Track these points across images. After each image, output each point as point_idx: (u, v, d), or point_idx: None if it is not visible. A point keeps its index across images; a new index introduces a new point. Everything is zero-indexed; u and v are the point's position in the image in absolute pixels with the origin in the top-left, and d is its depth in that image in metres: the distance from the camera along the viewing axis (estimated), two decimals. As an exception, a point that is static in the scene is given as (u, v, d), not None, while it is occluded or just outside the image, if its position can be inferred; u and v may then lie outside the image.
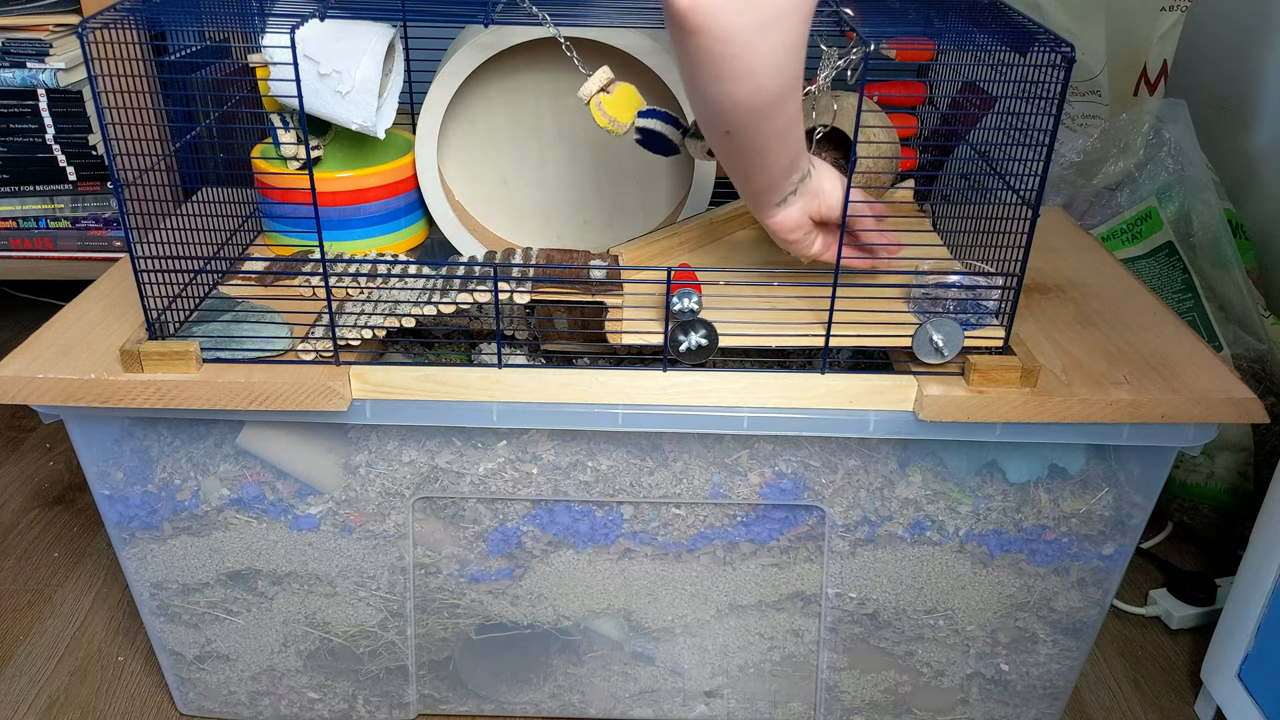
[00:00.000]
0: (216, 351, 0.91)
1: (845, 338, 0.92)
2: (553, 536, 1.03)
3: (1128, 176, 1.47)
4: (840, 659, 1.11)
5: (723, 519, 1.02)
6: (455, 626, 1.09)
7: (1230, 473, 1.41)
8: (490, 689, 1.14)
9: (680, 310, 0.89)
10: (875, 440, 0.97)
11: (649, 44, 0.99)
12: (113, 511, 1.01)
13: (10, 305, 1.93)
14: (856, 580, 1.05)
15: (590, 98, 0.87)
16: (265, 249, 1.12)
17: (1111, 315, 1.04)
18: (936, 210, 1.14)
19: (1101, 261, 1.16)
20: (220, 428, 0.98)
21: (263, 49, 0.94)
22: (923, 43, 1.05)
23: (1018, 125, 0.89)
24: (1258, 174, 1.54)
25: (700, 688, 1.14)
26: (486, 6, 0.89)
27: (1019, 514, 1.01)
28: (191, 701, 1.15)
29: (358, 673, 1.12)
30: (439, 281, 0.95)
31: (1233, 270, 1.40)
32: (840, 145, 1.06)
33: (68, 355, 0.92)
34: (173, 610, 1.07)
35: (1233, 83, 1.57)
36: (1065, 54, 0.82)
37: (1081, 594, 1.05)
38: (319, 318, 0.95)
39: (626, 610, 1.08)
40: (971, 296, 0.94)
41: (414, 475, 0.99)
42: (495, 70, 1.05)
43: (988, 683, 1.12)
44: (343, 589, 1.06)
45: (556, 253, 1.00)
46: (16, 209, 1.63)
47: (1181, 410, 0.90)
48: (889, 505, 1.00)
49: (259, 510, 1.01)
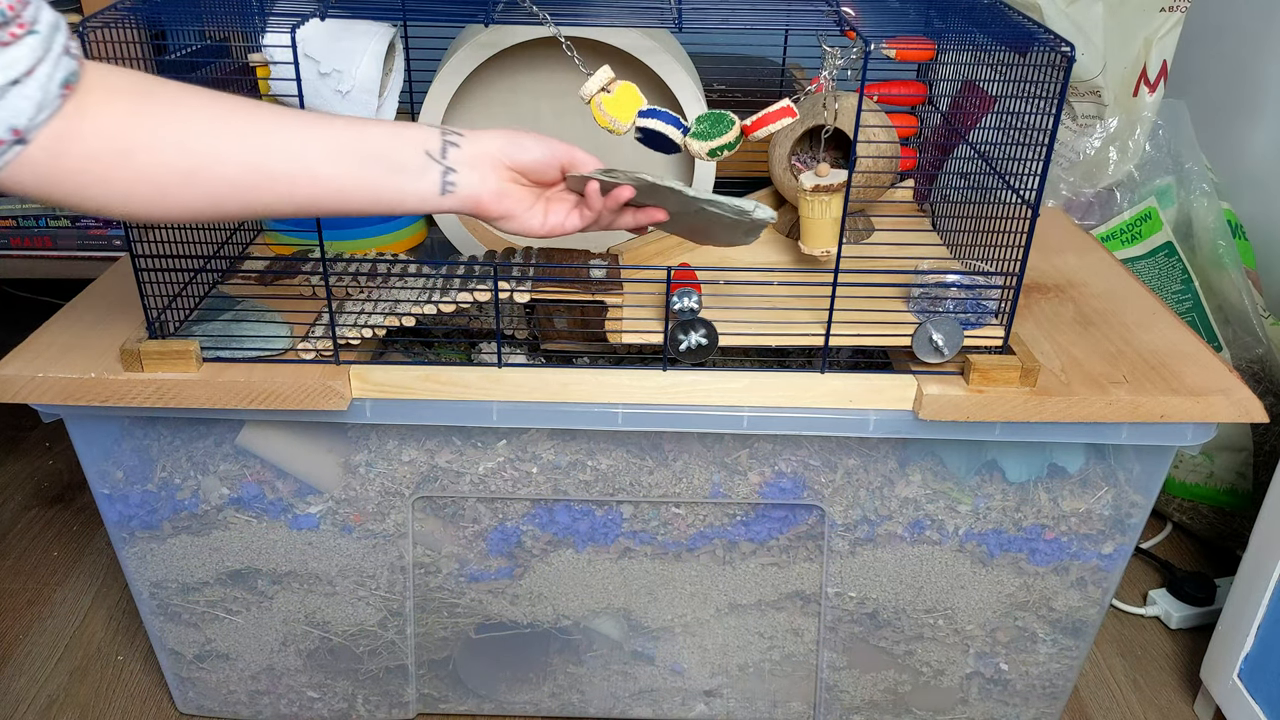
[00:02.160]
0: (216, 351, 0.91)
1: (845, 337, 0.92)
2: (552, 536, 1.03)
3: (1128, 176, 1.47)
4: (840, 658, 1.11)
5: (722, 518, 1.02)
6: (455, 626, 1.09)
7: (1230, 473, 1.41)
8: (490, 688, 1.14)
9: (680, 310, 0.89)
10: (875, 439, 0.97)
11: (649, 44, 0.99)
12: (112, 511, 1.01)
13: (10, 305, 1.93)
14: (856, 579, 1.05)
15: (591, 97, 0.87)
16: (265, 248, 1.12)
17: (1111, 315, 1.04)
18: (936, 210, 1.14)
19: (1101, 261, 1.16)
20: (220, 427, 0.98)
21: (263, 48, 0.94)
22: (923, 43, 1.05)
23: (1018, 125, 0.89)
24: (1257, 174, 1.54)
25: (700, 687, 1.14)
26: (486, 6, 0.89)
27: (1018, 513, 1.01)
28: (191, 701, 1.15)
29: (357, 672, 1.12)
30: (439, 281, 0.95)
31: (1231, 271, 1.40)
32: (840, 145, 1.06)
33: (68, 355, 0.92)
34: (172, 609, 1.07)
35: (1233, 83, 1.57)
36: (1065, 54, 0.82)
37: (1081, 593, 1.05)
38: (319, 317, 0.95)
39: (626, 610, 1.08)
40: (971, 296, 0.94)
41: (414, 474, 0.99)
42: (495, 70, 1.05)
43: (987, 682, 1.12)
44: (342, 588, 1.06)
45: (556, 252, 1.00)
46: (16, 208, 1.63)
47: (1181, 410, 0.90)
48: (889, 504, 1.00)
49: (259, 509, 1.01)
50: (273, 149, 0.69)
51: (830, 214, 0.96)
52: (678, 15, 0.88)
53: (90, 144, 0.64)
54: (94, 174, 0.65)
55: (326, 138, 0.71)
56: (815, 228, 0.97)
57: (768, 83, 1.25)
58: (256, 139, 0.69)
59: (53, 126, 0.62)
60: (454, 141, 0.75)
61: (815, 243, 0.97)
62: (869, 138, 1.02)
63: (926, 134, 1.15)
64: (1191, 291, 1.42)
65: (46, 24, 0.61)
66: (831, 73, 0.89)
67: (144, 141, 0.65)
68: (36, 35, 0.60)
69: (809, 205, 0.96)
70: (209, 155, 0.67)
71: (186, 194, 0.68)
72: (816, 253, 0.97)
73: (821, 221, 0.96)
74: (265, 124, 0.69)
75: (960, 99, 1.06)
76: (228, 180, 0.68)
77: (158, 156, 0.66)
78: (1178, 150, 1.46)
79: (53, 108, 0.62)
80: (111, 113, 0.64)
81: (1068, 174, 1.47)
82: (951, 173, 1.10)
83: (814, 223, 0.97)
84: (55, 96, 0.61)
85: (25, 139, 0.61)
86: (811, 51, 0.96)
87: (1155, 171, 1.46)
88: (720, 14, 0.91)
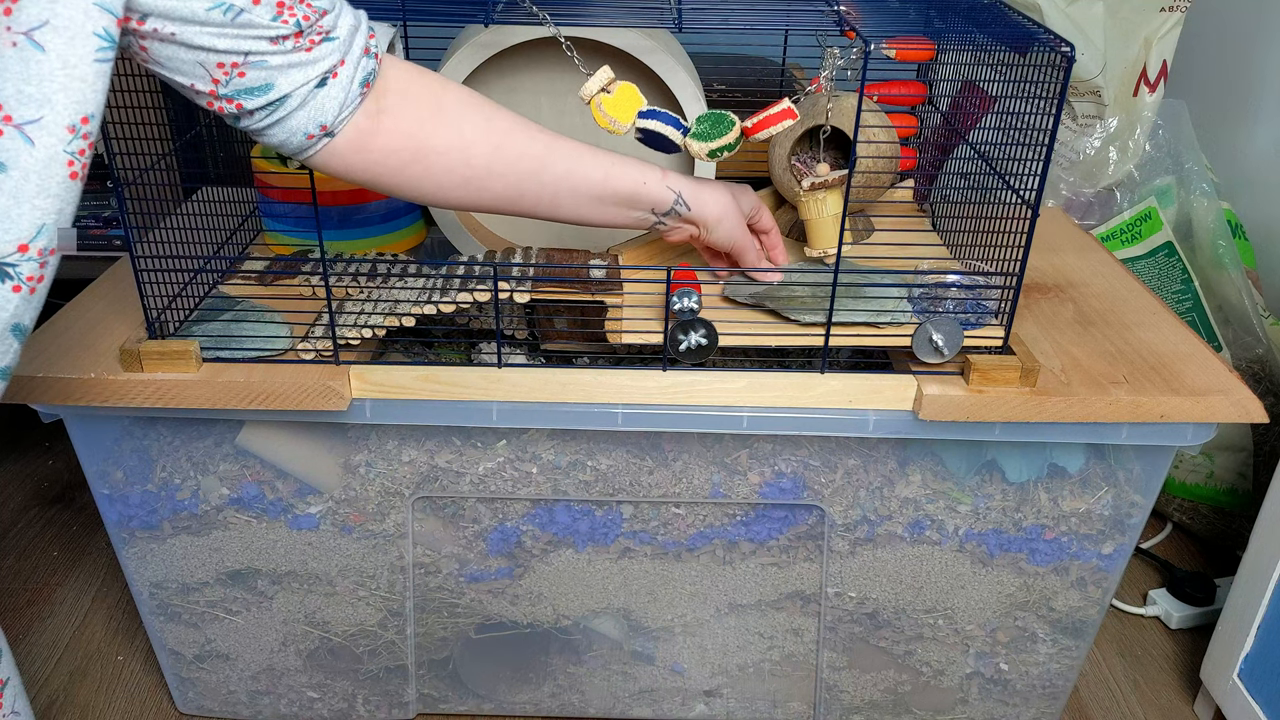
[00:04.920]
0: (216, 351, 0.91)
1: (845, 337, 0.92)
2: (552, 536, 1.03)
3: (1127, 176, 1.47)
4: (840, 658, 1.11)
5: (722, 518, 1.02)
6: (455, 626, 1.09)
7: (1230, 473, 1.41)
8: (490, 688, 1.14)
9: (680, 310, 0.89)
10: (875, 440, 0.97)
11: (649, 44, 0.99)
12: (112, 511, 1.01)
13: (10, 304, 1.93)
14: (856, 580, 1.05)
15: (591, 97, 0.87)
16: (265, 248, 1.12)
17: (1111, 315, 1.04)
18: (936, 210, 1.14)
19: (1101, 261, 1.16)
20: (220, 427, 0.98)
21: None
22: (923, 42, 1.05)
23: (1017, 125, 0.89)
24: (1257, 174, 1.53)
25: (700, 687, 1.14)
26: (486, 6, 0.89)
27: (1018, 513, 1.01)
28: (191, 701, 1.15)
29: (357, 672, 1.11)
30: (439, 281, 0.95)
31: (1231, 271, 1.40)
32: (840, 145, 1.06)
33: (68, 355, 0.92)
34: (172, 609, 1.07)
35: (1233, 83, 1.57)
36: (1065, 54, 0.82)
37: (1081, 593, 1.05)
38: (319, 317, 0.95)
39: (626, 610, 1.08)
40: (971, 296, 0.94)
41: (413, 474, 0.99)
42: (495, 70, 1.05)
43: (987, 682, 1.12)
44: (342, 588, 1.06)
45: (556, 252, 1.00)
46: (16, 208, 1.62)
47: (1180, 410, 0.90)
48: (888, 505, 1.00)
49: (258, 510, 1.01)
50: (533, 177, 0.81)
51: (828, 212, 0.96)
52: (678, 15, 0.88)
53: (385, 142, 0.74)
54: (387, 167, 0.75)
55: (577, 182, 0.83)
56: (817, 228, 0.97)
57: (768, 83, 1.25)
58: (525, 164, 0.80)
59: (355, 122, 0.72)
60: (680, 211, 0.88)
61: (820, 243, 0.97)
62: (869, 138, 1.01)
63: (926, 134, 1.15)
64: (1191, 291, 1.42)
65: (346, 27, 0.69)
66: (831, 73, 0.89)
67: (432, 147, 0.76)
68: (334, 41, 0.68)
69: (805, 206, 0.96)
70: (483, 169, 0.79)
71: (463, 194, 0.80)
72: (817, 253, 0.97)
73: (820, 221, 0.96)
74: (534, 151, 0.81)
75: (960, 99, 1.06)
76: (493, 193, 0.81)
77: (442, 161, 0.77)
78: (1178, 150, 1.46)
79: (354, 105, 0.71)
80: (405, 116, 0.74)
81: (1068, 174, 1.47)
82: (951, 173, 1.10)
83: (814, 223, 0.97)
84: (356, 96, 0.71)
85: (333, 133, 0.71)
86: (811, 51, 0.96)
87: (1155, 171, 1.46)
88: (720, 14, 0.91)
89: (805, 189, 0.95)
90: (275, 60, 0.65)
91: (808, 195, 0.95)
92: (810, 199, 0.96)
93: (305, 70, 0.67)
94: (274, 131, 0.70)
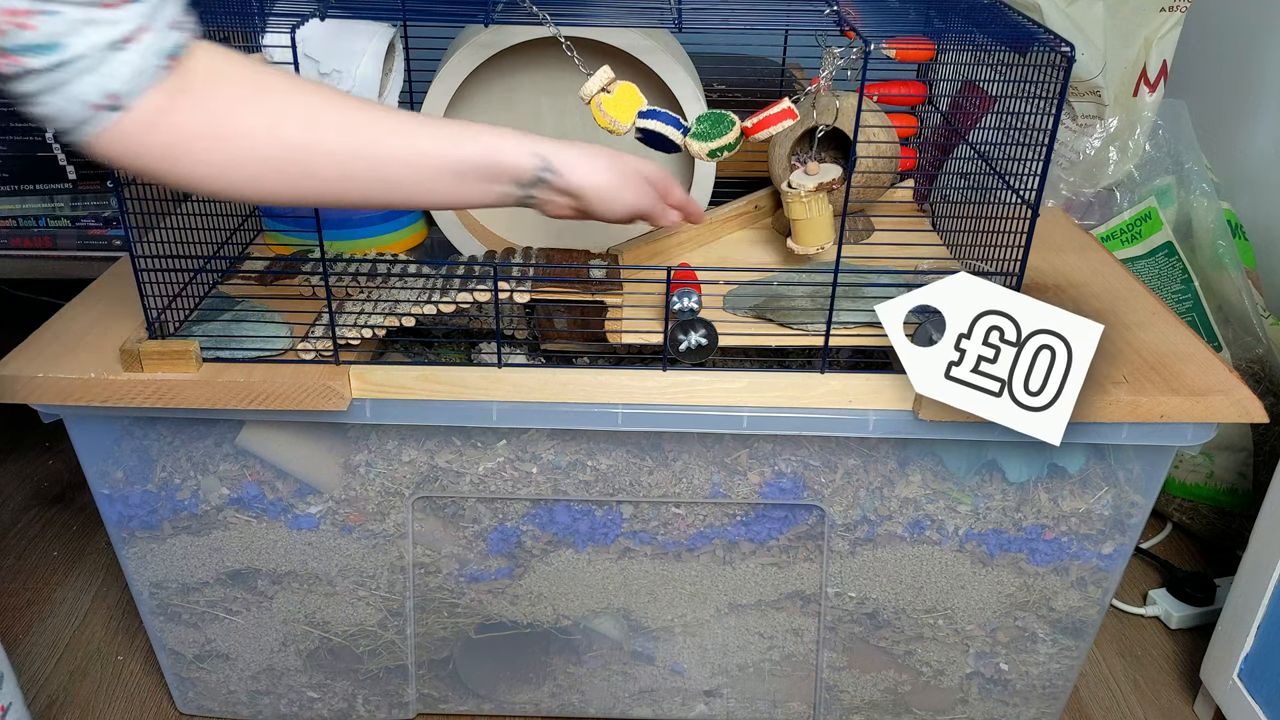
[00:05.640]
0: (216, 351, 0.91)
1: (845, 337, 0.92)
2: (552, 536, 1.03)
3: (1127, 176, 1.47)
4: (840, 658, 1.11)
5: (722, 518, 1.02)
6: (455, 626, 1.09)
7: (1230, 473, 1.41)
8: (489, 688, 1.14)
9: (680, 310, 0.89)
10: (875, 440, 0.97)
11: (649, 44, 0.99)
12: (112, 511, 1.01)
13: (10, 305, 1.93)
14: (856, 580, 1.05)
15: (591, 97, 0.87)
16: (265, 248, 1.12)
17: (1111, 315, 1.04)
18: (936, 210, 1.14)
19: (1101, 261, 1.16)
20: (220, 427, 0.98)
21: (263, 48, 0.94)
22: (923, 42, 1.05)
23: (1017, 125, 0.89)
24: (1257, 174, 1.53)
25: (700, 687, 1.14)
26: (486, 6, 0.89)
27: (1018, 513, 1.01)
28: (191, 701, 1.15)
29: (357, 672, 1.12)
30: (439, 281, 0.95)
31: (1231, 271, 1.40)
32: (840, 145, 1.06)
33: (68, 355, 0.92)
34: (172, 609, 1.07)
35: (1233, 83, 1.57)
36: (1065, 54, 0.82)
37: (1081, 593, 1.05)
38: (319, 317, 0.95)
39: (626, 610, 1.08)
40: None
41: (413, 474, 0.99)
42: (495, 70, 1.05)
43: (987, 682, 1.12)
44: (342, 588, 1.06)
45: (556, 252, 1.00)
46: (16, 208, 1.62)
47: (1180, 410, 0.90)
48: (888, 505, 1.00)
49: (258, 510, 1.01)
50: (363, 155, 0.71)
51: (814, 211, 0.96)
52: (678, 15, 0.88)
53: (183, 120, 0.64)
54: (188, 151, 0.65)
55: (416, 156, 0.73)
56: (803, 227, 0.97)
57: (768, 83, 1.25)
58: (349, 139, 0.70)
59: (150, 98, 0.62)
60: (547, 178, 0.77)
61: (806, 241, 0.97)
62: (868, 138, 1.02)
63: (926, 134, 1.15)
64: (1191, 291, 1.42)
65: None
66: (830, 73, 0.89)
67: (238, 129, 0.66)
68: (139, 5, 0.60)
69: (798, 205, 0.96)
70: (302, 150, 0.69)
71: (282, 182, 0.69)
72: (809, 250, 0.97)
73: (807, 220, 0.96)
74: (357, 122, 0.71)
75: (960, 99, 1.06)
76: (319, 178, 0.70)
77: (249, 145, 0.67)
78: (1178, 150, 1.46)
79: (152, 77, 0.62)
80: (211, 97, 0.65)
81: (1068, 174, 1.47)
82: (951, 173, 1.10)
83: (801, 222, 0.97)
84: (156, 67, 0.62)
85: (121, 105, 0.62)
86: (811, 51, 0.96)
87: (1155, 171, 1.46)
88: (720, 14, 0.91)
89: (810, 189, 0.95)
90: (73, 14, 0.58)
91: (809, 196, 0.95)
92: (810, 199, 0.96)
93: (102, 30, 0.59)
94: (50, 99, 0.60)
